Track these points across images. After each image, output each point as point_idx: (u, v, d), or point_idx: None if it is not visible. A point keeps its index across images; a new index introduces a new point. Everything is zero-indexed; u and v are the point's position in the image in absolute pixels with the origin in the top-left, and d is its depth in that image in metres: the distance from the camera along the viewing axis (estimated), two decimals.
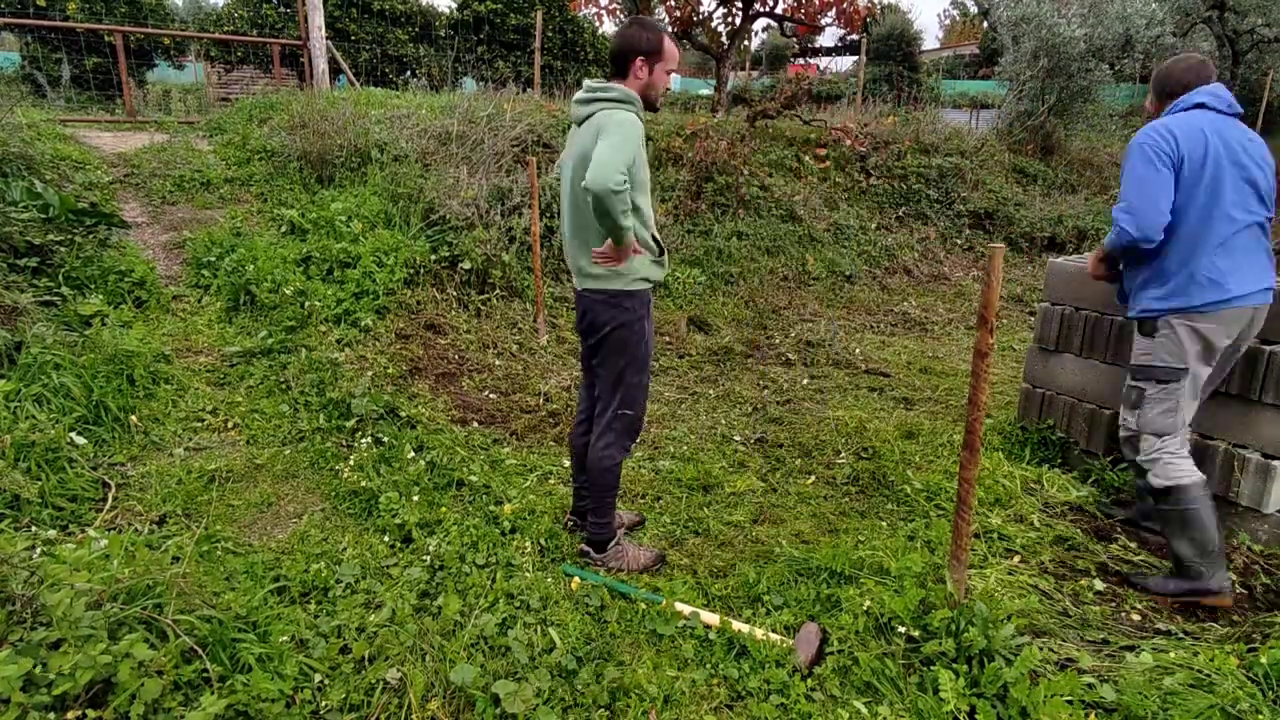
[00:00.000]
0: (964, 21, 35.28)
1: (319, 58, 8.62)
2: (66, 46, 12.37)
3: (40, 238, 4.41)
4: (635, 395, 2.64)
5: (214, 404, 3.89)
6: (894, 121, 10.49)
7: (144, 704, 1.74)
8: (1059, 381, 3.62)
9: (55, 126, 6.88)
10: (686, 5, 12.26)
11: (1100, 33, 10.31)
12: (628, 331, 2.53)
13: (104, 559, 2.18)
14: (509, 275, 5.50)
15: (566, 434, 4.02)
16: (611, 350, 2.56)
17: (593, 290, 2.51)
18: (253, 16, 14.55)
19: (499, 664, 2.21)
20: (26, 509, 2.72)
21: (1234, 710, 1.94)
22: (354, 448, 3.50)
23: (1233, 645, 2.27)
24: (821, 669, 2.23)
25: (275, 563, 2.64)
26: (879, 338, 6.21)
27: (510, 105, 7.60)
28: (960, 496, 2.23)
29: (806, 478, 3.63)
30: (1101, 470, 3.39)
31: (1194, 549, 2.52)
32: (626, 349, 2.55)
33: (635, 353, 2.57)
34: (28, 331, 3.61)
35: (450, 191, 5.88)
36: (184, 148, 6.97)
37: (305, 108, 7.03)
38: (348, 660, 2.20)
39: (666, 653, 2.32)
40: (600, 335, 2.55)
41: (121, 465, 3.26)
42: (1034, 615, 2.45)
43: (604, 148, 2.19)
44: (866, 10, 12.53)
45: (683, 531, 3.11)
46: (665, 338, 5.70)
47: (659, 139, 8.32)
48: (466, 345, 4.89)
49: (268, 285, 4.74)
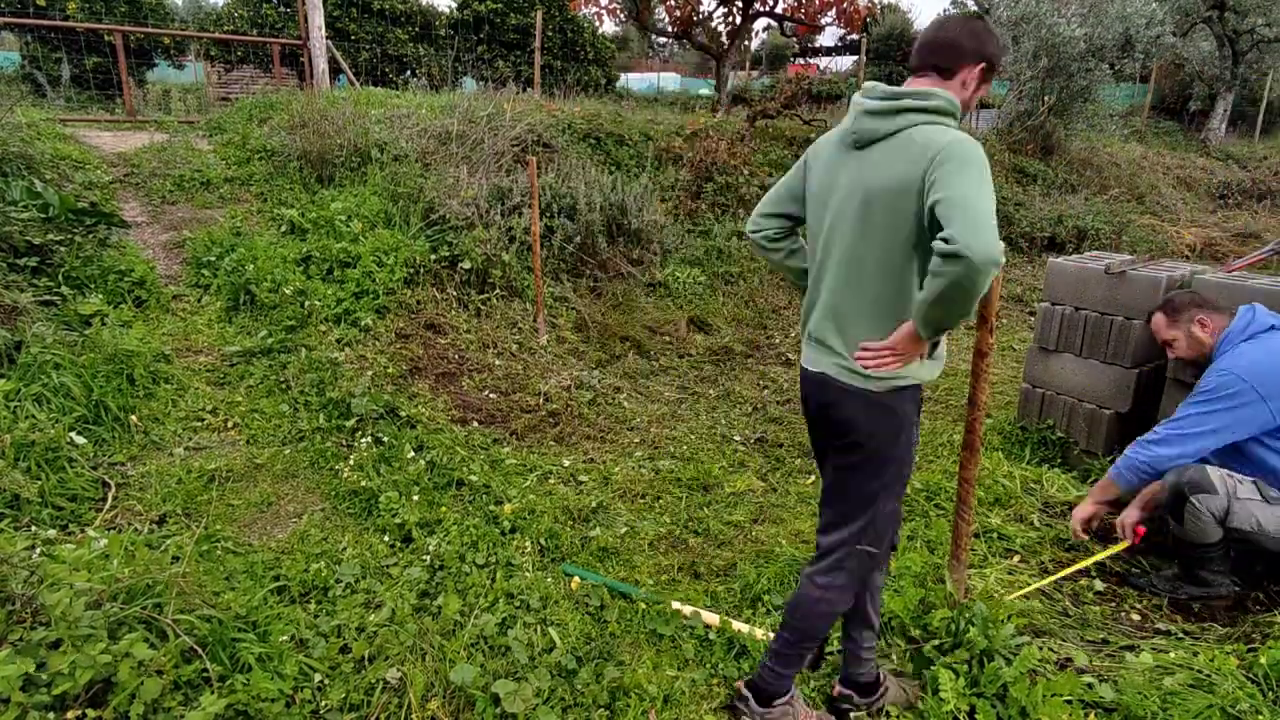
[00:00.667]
0: None
1: (319, 57, 8.61)
2: (66, 46, 12.37)
3: (40, 237, 4.41)
4: (887, 526, 1.88)
5: (214, 404, 3.89)
6: None
7: (144, 703, 1.74)
8: (1059, 381, 3.62)
9: (55, 126, 6.88)
10: (686, 5, 12.27)
11: (1100, 32, 10.30)
12: (892, 443, 1.79)
13: (104, 559, 2.18)
14: (509, 275, 5.50)
15: (566, 433, 4.02)
16: (867, 465, 1.81)
17: (848, 386, 1.76)
18: (253, 16, 14.55)
19: (499, 664, 2.21)
20: (26, 508, 2.72)
21: (1234, 710, 1.94)
22: (354, 447, 3.50)
23: (1233, 645, 2.27)
24: (822, 669, 2.23)
25: (275, 562, 2.64)
26: None
27: (510, 105, 7.60)
28: (960, 496, 2.23)
29: (806, 478, 3.63)
30: (1101, 470, 3.39)
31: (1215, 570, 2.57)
32: (888, 465, 1.80)
33: (899, 470, 1.84)
34: (28, 331, 3.61)
35: (450, 191, 5.88)
36: (184, 147, 6.97)
37: (305, 107, 7.02)
38: (348, 660, 2.20)
39: (666, 653, 2.32)
40: (849, 441, 1.80)
41: (121, 465, 3.26)
42: (1034, 615, 2.45)
43: (971, 193, 1.48)
44: (866, 10, 12.54)
45: (683, 531, 3.11)
46: (665, 338, 5.71)
47: (659, 139, 8.32)
48: (466, 345, 4.89)
49: (268, 285, 4.74)
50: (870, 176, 1.67)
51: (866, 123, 1.70)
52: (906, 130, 1.64)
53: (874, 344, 1.71)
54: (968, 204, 1.46)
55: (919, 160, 1.58)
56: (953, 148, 1.55)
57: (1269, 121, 16.80)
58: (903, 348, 1.69)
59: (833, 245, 1.77)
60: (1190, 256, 9.46)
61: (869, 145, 1.70)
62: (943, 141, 1.56)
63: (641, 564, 2.85)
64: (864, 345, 1.72)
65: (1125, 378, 3.36)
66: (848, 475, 1.83)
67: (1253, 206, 11.65)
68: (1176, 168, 12.51)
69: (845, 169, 1.74)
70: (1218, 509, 2.44)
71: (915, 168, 1.58)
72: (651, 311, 6.02)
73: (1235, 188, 12.25)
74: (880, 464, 1.80)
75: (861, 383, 1.74)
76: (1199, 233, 10.11)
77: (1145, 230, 9.76)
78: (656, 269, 6.49)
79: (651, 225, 6.63)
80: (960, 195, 1.48)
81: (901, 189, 1.61)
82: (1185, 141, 14.95)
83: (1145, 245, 9.28)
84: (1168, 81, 17.83)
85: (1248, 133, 16.33)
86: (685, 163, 7.96)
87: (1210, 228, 10.41)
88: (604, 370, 5.00)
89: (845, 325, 1.76)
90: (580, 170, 6.62)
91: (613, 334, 5.52)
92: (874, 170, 1.67)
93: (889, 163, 1.64)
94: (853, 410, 1.76)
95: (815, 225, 1.85)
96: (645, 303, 6.11)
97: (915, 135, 1.62)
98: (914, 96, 1.66)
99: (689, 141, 8.27)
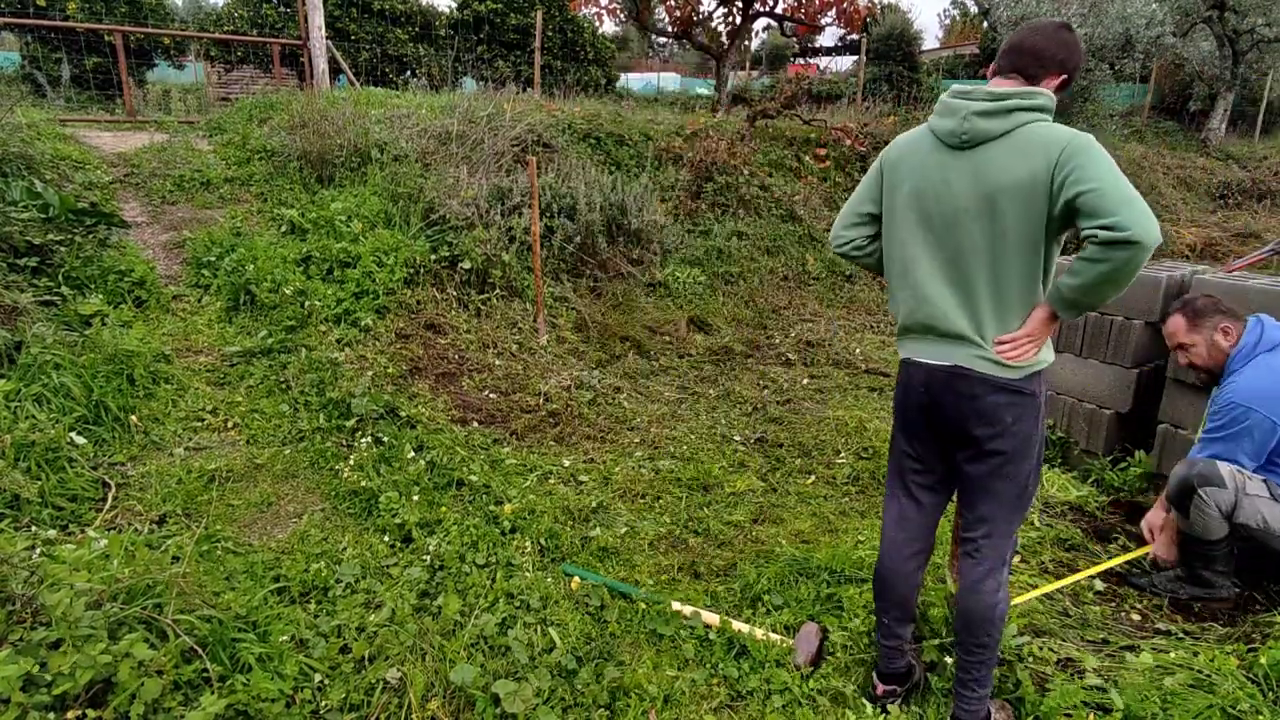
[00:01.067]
0: (964, 21, 35.29)
1: (319, 57, 8.61)
2: (66, 46, 12.37)
3: (40, 237, 4.41)
4: (1028, 508, 1.96)
5: (214, 404, 3.89)
6: (894, 121, 10.49)
7: (144, 704, 1.74)
8: (1059, 381, 3.63)
9: (55, 126, 6.88)
10: (687, 5, 12.28)
11: (1100, 33, 10.30)
12: (1035, 425, 1.82)
13: (104, 559, 2.18)
14: (509, 275, 5.50)
15: (566, 433, 4.02)
16: (1015, 456, 1.81)
17: (990, 377, 1.77)
18: (253, 16, 14.55)
19: (499, 664, 2.21)
20: (26, 509, 2.72)
21: (1234, 710, 1.94)
22: (354, 447, 3.50)
23: (1233, 645, 2.27)
24: (822, 668, 2.23)
25: (275, 562, 2.64)
26: (879, 338, 6.21)
27: (510, 105, 7.60)
28: None
29: (806, 477, 3.63)
30: (1101, 470, 3.39)
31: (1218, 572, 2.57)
32: (1033, 449, 1.83)
33: (1041, 454, 1.89)
34: (28, 331, 3.61)
35: (450, 191, 5.88)
36: (184, 147, 6.97)
37: (305, 107, 7.02)
38: (348, 660, 2.20)
39: (666, 653, 2.32)
40: (996, 432, 1.79)
41: (121, 465, 3.26)
42: (1034, 615, 2.45)
43: (1117, 180, 1.55)
44: (866, 10, 12.54)
45: (683, 531, 3.11)
46: (665, 338, 5.71)
47: (659, 139, 8.32)
48: (466, 345, 4.89)
49: (268, 285, 4.74)
50: (993, 175, 1.71)
51: (979, 123, 1.73)
52: (1021, 129, 1.69)
53: (1012, 334, 1.75)
54: (1119, 191, 1.53)
55: (1044, 156, 1.63)
56: (1077, 141, 1.62)
57: (1269, 121, 16.79)
58: (1039, 334, 1.75)
59: (946, 244, 1.79)
60: (1190, 256, 9.46)
61: (979, 145, 1.73)
62: (1065, 137, 1.63)
63: (641, 564, 2.85)
64: (1000, 339, 1.76)
65: (1125, 378, 3.37)
66: (1001, 469, 1.82)
67: (1253, 206, 11.64)
68: (1176, 168, 12.50)
69: (955, 169, 1.77)
70: (1225, 503, 2.44)
71: (1042, 163, 1.64)
72: (651, 311, 6.02)
73: (1235, 188, 12.24)
74: (1029, 450, 1.82)
75: (1005, 373, 1.76)
76: (1199, 233, 10.11)
77: None
78: (656, 269, 6.49)
79: (651, 225, 6.63)
80: (1109, 184, 1.54)
81: (1031, 185, 1.66)
82: (1185, 141, 14.94)
83: None
84: (1168, 81, 17.83)
85: (1248, 133, 16.32)
86: (685, 163, 7.96)
87: (1210, 228, 10.41)
88: (604, 370, 5.00)
89: (978, 318, 1.77)
90: (580, 170, 6.62)
91: (613, 334, 5.52)
92: (996, 168, 1.70)
93: (1012, 160, 1.68)
94: (998, 401, 1.77)
95: (915, 227, 1.85)
96: (645, 303, 6.11)
97: (1032, 133, 1.67)
98: (1020, 96, 1.70)
99: (689, 141, 8.27)
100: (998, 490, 1.85)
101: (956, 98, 1.79)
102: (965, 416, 1.82)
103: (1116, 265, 1.55)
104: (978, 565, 1.89)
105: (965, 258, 1.77)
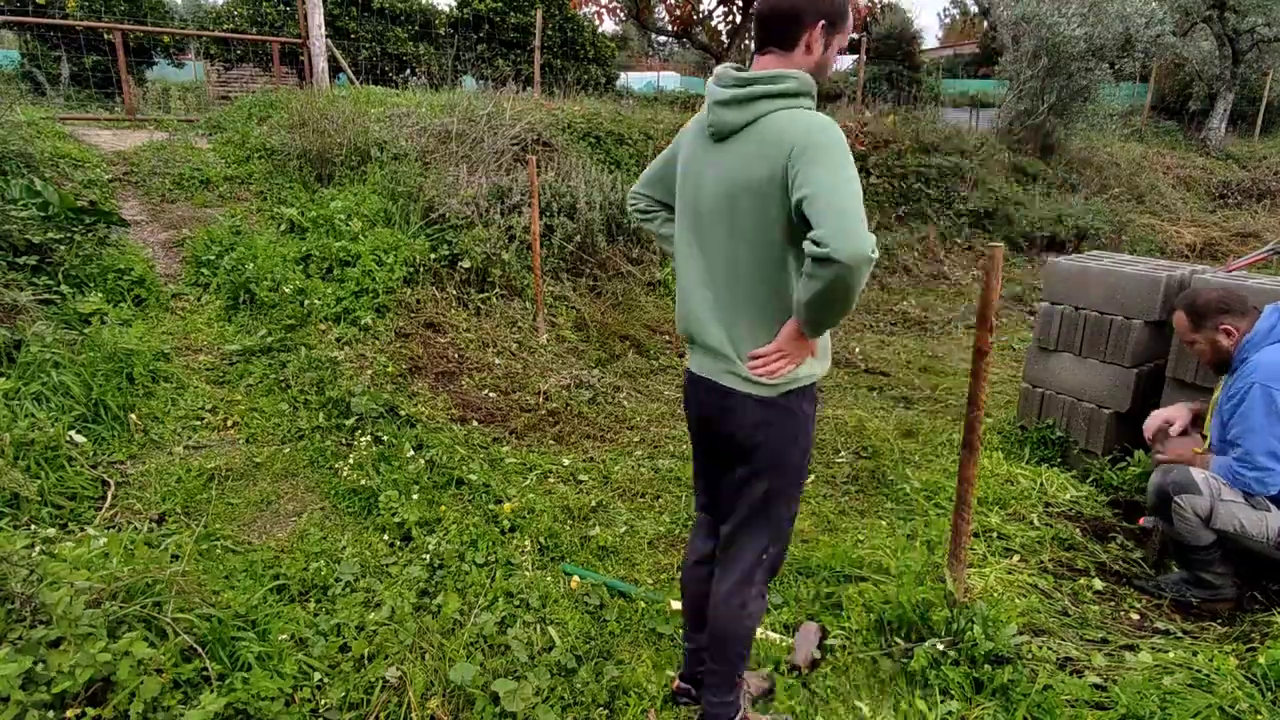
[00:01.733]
0: (964, 21, 35.30)
1: (319, 56, 8.60)
2: (66, 44, 12.36)
3: (39, 236, 4.41)
4: (788, 529, 1.85)
5: (213, 402, 3.89)
6: (894, 121, 10.48)
7: (143, 702, 1.75)
8: (1058, 381, 3.63)
9: (54, 124, 6.87)
10: (687, 4, 12.27)
11: (1100, 32, 10.30)
12: (790, 444, 1.71)
13: (103, 557, 2.18)
14: (509, 274, 5.50)
15: (566, 432, 4.03)
16: (765, 469, 1.72)
17: (743, 393, 1.67)
18: (252, 15, 14.52)
19: (498, 662, 2.21)
20: (26, 507, 2.72)
21: (1233, 710, 1.94)
22: (353, 446, 3.50)
23: (1232, 645, 2.27)
24: (821, 667, 2.23)
25: (275, 561, 2.64)
26: (878, 337, 6.21)
27: (510, 103, 7.59)
28: (959, 495, 2.23)
29: (806, 477, 3.63)
30: (1100, 469, 3.39)
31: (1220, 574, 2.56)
32: (786, 468, 1.73)
33: (798, 474, 1.77)
34: (27, 329, 3.60)
35: (450, 190, 5.88)
36: (183, 146, 6.96)
37: (305, 106, 7.01)
38: (347, 659, 2.20)
39: (666, 652, 2.32)
40: (746, 448, 1.71)
41: (121, 463, 3.26)
42: (1033, 614, 2.45)
43: (833, 186, 1.40)
44: (866, 10, 12.53)
45: (682, 530, 3.11)
46: (665, 336, 5.71)
47: (658, 138, 8.31)
48: (466, 344, 4.89)
49: (267, 284, 4.73)
50: (734, 172, 1.57)
51: (721, 114, 1.58)
52: (761, 120, 1.53)
53: (762, 350, 1.63)
54: (831, 200, 1.38)
55: (777, 153, 1.49)
56: (809, 136, 1.46)
57: (1269, 121, 16.78)
58: (791, 349, 1.61)
59: (704, 243, 1.67)
60: (1190, 256, 9.47)
61: (727, 138, 1.59)
62: (799, 131, 1.47)
63: (641, 563, 2.85)
64: (752, 354, 1.64)
65: (1125, 377, 3.37)
66: (750, 484, 1.74)
67: (1253, 206, 11.64)
68: (1176, 167, 12.51)
69: (708, 163, 1.64)
70: (1202, 509, 2.45)
71: (775, 162, 1.49)
72: (651, 310, 6.02)
73: (1235, 187, 12.25)
74: (781, 469, 1.72)
75: (757, 389, 1.65)
76: (1199, 232, 10.12)
77: (1145, 230, 9.77)
78: (656, 268, 6.49)
79: None
80: (822, 190, 1.39)
81: (766, 186, 1.51)
82: (1185, 141, 14.94)
83: (1145, 245, 9.29)
84: (1168, 81, 17.82)
85: (1248, 132, 16.32)
86: None
87: (1210, 227, 10.42)
88: (604, 369, 5.00)
89: (729, 329, 1.66)
90: (580, 169, 6.62)
91: (612, 333, 5.52)
92: (736, 166, 1.56)
93: (749, 158, 1.54)
94: (751, 417, 1.67)
95: (682, 218, 1.74)
96: (645, 301, 6.11)
97: (770, 125, 1.52)
98: (763, 81, 1.53)
99: None
100: (742, 507, 1.77)
101: (713, 83, 1.61)
102: (724, 431, 1.74)
103: (826, 283, 1.39)
104: (722, 580, 1.83)
105: (716, 263, 1.65)
